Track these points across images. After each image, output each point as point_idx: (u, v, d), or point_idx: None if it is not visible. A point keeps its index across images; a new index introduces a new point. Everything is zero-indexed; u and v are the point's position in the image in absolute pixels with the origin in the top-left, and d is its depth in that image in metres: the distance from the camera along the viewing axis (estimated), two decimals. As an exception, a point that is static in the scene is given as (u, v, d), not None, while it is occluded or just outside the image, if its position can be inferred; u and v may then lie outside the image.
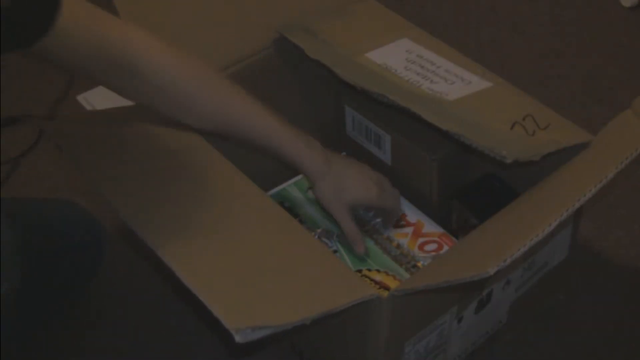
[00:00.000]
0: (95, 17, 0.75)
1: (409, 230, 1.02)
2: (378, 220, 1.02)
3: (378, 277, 0.96)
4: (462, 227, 1.02)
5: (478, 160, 0.99)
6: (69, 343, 1.08)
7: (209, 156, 0.90)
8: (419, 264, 0.98)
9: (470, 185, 1.04)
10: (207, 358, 1.05)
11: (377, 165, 1.10)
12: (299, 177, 1.08)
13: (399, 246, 1.00)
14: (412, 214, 1.04)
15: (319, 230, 1.01)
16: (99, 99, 1.29)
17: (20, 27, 0.68)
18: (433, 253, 0.99)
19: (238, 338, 0.64)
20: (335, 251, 0.99)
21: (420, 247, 1.00)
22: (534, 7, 1.62)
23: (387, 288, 0.94)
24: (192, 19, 1.02)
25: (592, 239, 1.17)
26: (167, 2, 1.02)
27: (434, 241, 1.01)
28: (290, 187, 1.08)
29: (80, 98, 1.17)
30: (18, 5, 0.65)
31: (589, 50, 1.50)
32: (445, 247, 1.00)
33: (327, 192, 0.92)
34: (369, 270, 0.97)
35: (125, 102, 1.04)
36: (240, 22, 1.05)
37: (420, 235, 1.02)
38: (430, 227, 1.03)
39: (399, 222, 1.03)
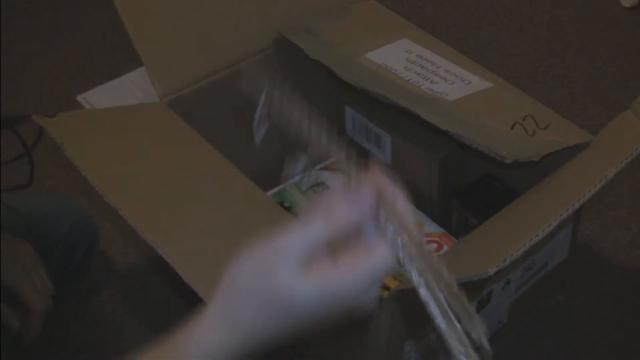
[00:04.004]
0: None
1: (409, 230, 1.02)
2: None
3: (378, 277, 0.96)
4: (462, 227, 1.02)
5: (478, 160, 0.99)
6: (69, 342, 1.08)
7: (209, 156, 0.90)
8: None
9: (470, 185, 1.04)
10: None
11: (377, 165, 1.10)
12: (299, 177, 1.08)
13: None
14: (412, 214, 1.04)
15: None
16: (99, 99, 1.29)
17: None
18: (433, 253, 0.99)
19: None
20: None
21: (420, 247, 1.00)
22: (534, 7, 1.62)
23: (387, 288, 0.94)
24: (193, 19, 1.02)
25: (592, 239, 1.17)
26: (167, 3, 1.02)
27: (434, 241, 1.01)
28: (290, 187, 1.08)
29: (80, 98, 1.17)
30: None
31: (589, 50, 1.50)
32: (446, 247, 1.00)
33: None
34: (369, 270, 0.96)
35: (125, 102, 1.04)
36: (240, 22, 1.05)
37: (420, 235, 1.02)
38: (430, 227, 1.03)
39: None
